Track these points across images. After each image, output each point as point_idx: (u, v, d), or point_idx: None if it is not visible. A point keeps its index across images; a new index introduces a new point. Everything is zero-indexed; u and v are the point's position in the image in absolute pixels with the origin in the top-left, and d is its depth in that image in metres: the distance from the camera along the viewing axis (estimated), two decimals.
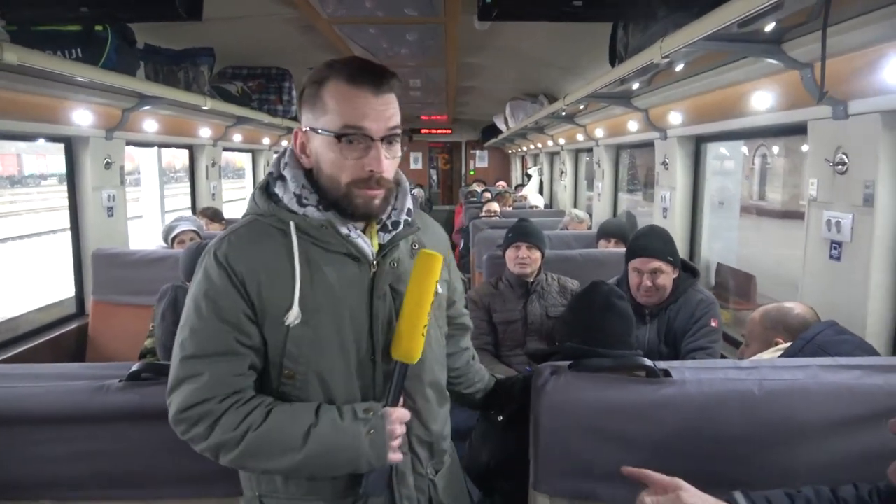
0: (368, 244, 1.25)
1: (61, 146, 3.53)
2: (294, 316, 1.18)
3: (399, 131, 1.21)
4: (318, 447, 1.18)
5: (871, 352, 1.67)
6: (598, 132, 5.20)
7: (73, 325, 3.53)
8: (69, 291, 3.80)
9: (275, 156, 1.28)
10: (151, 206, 6.49)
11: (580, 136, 5.82)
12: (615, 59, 2.91)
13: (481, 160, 13.38)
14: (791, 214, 4.94)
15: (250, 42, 4.09)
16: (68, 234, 3.66)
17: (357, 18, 3.52)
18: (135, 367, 1.44)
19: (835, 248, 2.15)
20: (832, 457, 1.37)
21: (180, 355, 1.18)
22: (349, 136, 1.16)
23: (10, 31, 2.27)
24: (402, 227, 1.29)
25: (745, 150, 4.32)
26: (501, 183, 10.67)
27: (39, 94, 2.91)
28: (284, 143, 7.06)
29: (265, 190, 1.26)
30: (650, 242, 2.51)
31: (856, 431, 1.37)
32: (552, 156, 8.53)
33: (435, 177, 13.69)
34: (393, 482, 1.29)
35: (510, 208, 7.03)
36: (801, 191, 2.69)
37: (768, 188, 5.62)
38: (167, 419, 1.31)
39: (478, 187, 9.77)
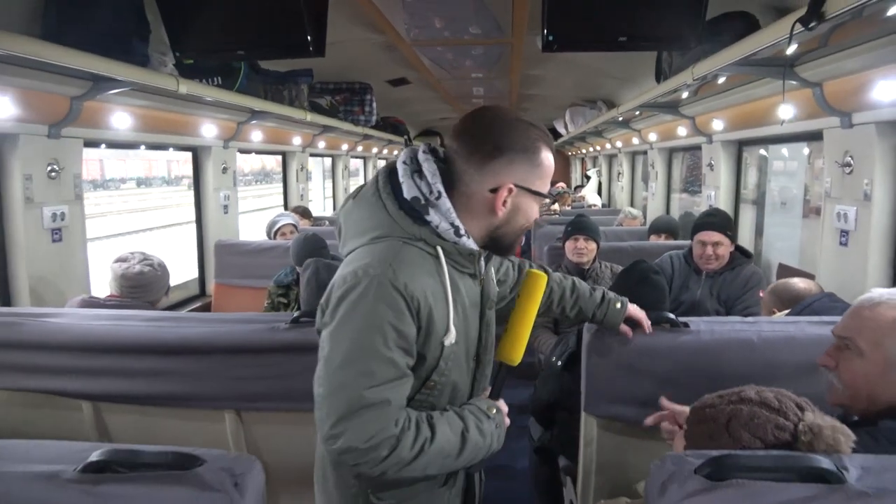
0: None
1: (134, 152, 4.20)
2: (453, 336, 1.26)
3: None
4: (470, 449, 1.28)
5: None
6: (652, 136, 5.58)
7: (197, 304, 4.22)
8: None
9: (401, 178, 1.30)
10: None
11: (636, 140, 6.19)
12: (661, 75, 3.35)
13: None
14: None
15: (341, 61, 4.64)
16: (155, 234, 4.34)
17: (436, 41, 4.05)
18: (296, 314, 1.95)
19: (843, 237, 2.55)
20: (813, 392, 1.74)
21: (365, 384, 1.17)
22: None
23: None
24: None
25: (806, 151, 4.55)
26: (560, 184, 11.03)
27: (178, 112, 3.57)
28: (360, 148, 7.68)
29: (407, 212, 1.26)
30: (714, 220, 3.02)
31: None
32: (610, 158, 8.86)
33: None
34: None
35: (569, 207, 7.38)
36: None
37: None
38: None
39: None
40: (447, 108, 8.33)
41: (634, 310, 1.82)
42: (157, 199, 22.33)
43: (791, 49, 2.29)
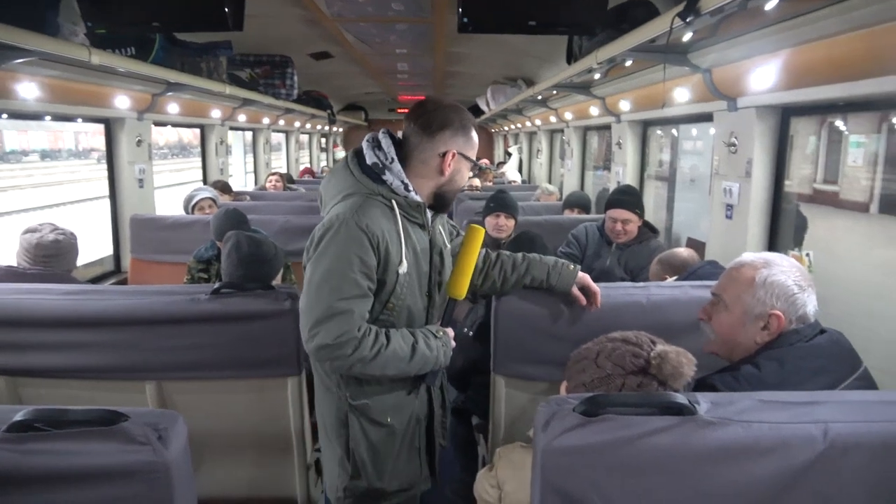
0: None
1: (37, 122, 4.02)
2: (405, 267, 1.69)
3: None
4: (419, 358, 1.71)
5: None
6: (568, 115, 5.81)
7: (113, 280, 4.12)
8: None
9: (365, 150, 1.73)
10: None
11: (553, 119, 6.42)
12: (571, 57, 3.52)
13: None
14: None
15: (261, 34, 4.56)
16: (63, 210, 4.19)
17: (358, 18, 4.06)
18: (217, 285, 2.00)
19: (729, 210, 2.82)
20: (696, 346, 1.83)
21: (335, 297, 1.59)
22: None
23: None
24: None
25: (712, 131, 4.82)
26: (484, 160, 11.20)
27: (89, 83, 3.46)
28: (282, 122, 7.58)
29: (369, 175, 1.69)
30: (625, 198, 3.26)
31: None
32: (531, 136, 9.11)
33: None
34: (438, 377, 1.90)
35: (490, 183, 7.57)
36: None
37: None
38: (241, 321, 1.90)
39: None
40: (371, 82, 8.30)
41: (587, 278, 1.98)
42: (64, 174, 21.08)
43: (687, 36, 2.50)
